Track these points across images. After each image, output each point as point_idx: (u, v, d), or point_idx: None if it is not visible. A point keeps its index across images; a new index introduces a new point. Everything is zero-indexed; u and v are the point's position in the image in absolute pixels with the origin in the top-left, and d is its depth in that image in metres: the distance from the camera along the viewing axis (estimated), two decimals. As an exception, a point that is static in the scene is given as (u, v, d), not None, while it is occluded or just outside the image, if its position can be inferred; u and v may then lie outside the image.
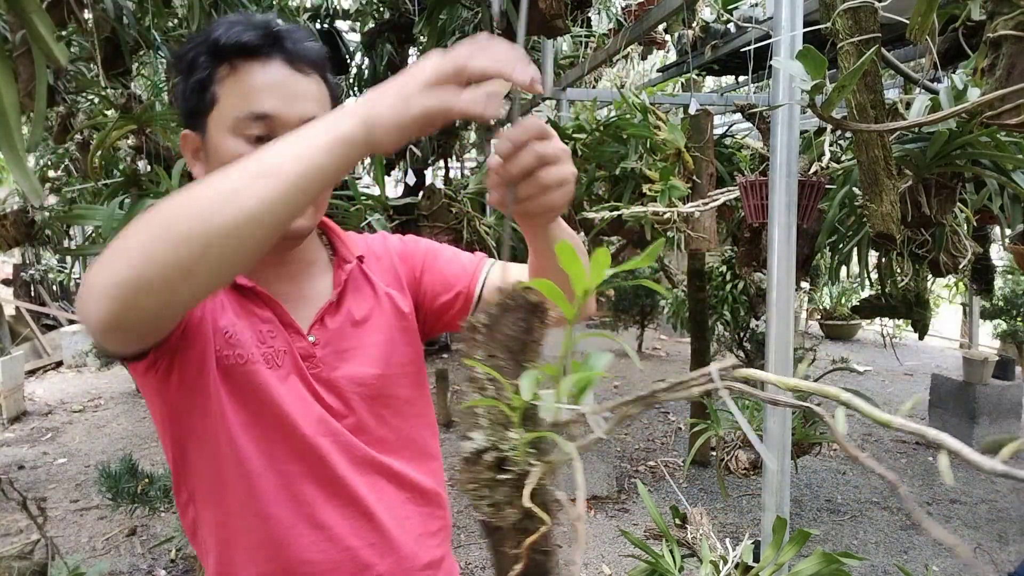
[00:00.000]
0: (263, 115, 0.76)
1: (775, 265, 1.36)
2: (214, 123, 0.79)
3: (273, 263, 0.87)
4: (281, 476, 0.83)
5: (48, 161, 5.18)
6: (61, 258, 7.84)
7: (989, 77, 0.95)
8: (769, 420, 1.42)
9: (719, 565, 1.12)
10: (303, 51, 0.80)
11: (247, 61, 0.77)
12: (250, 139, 0.76)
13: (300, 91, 0.79)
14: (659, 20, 2.86)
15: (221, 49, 0.77)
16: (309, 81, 0.81)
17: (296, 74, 0.79)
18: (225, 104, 0.78)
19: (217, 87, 0.78)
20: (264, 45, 0.78)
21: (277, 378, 0.82)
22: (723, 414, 2.15)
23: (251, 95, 0.77)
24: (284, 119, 0.77)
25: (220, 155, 0.77)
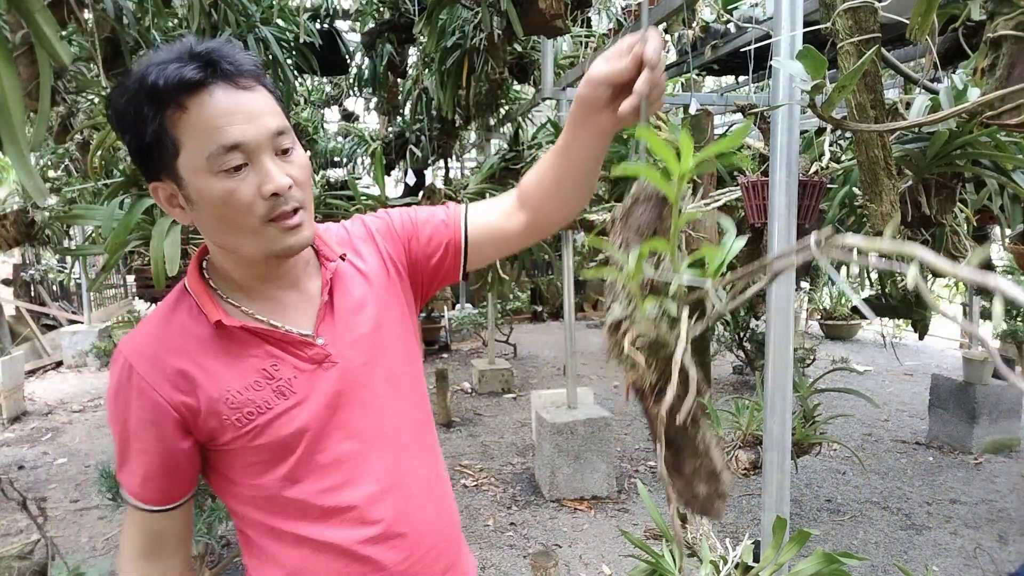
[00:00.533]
0: (233, 145, 0.76)
1: (775, 265, 1.36)
2: (186, 169, 0.78)
3: (277, 274, 0.89)
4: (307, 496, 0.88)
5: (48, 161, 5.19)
6: (61, 258, 7.84)
7: (989, 77, 0.95)
8: (769, 420, 1.42)
9: (719, 565, 1.12)
10: (240, 68, 0.79)
11: (192, 96, 0.76)
12: (230, 172, 0.77)
13: (256, 109, 0.79)
14: (659, 20, 2.86)
15: (162, 93, 0.75)
16: (256, 95, 0.80)
17: (243, 92, 0.79)
18: (191, 146, 0.77)
19: (174, 131, 0.77)
20: (204, 76, 0.76)
21: (291, 406, 0.86)
22: (723, 414, 2.15)
23: (212, 130, 0.76)
24: (254, 141, 0.78)
25: (210, 198, 0.78)
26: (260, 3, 2.66)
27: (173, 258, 1.84)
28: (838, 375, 3.44)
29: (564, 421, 3.59)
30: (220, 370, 0.84)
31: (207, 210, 0.80)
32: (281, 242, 0.82)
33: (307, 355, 0.87)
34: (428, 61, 3.44)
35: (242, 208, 0.78)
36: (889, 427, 4.76)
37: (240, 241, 0.82)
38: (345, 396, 0.89)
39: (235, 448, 0.85)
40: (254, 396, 0.84)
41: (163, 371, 0.82)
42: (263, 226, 0.80)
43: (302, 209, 0.82)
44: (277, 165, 0.80)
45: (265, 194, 0.78)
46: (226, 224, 0.80)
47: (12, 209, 4.36)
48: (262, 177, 0.78)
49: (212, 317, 0.84)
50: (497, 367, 5.92)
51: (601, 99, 0.80)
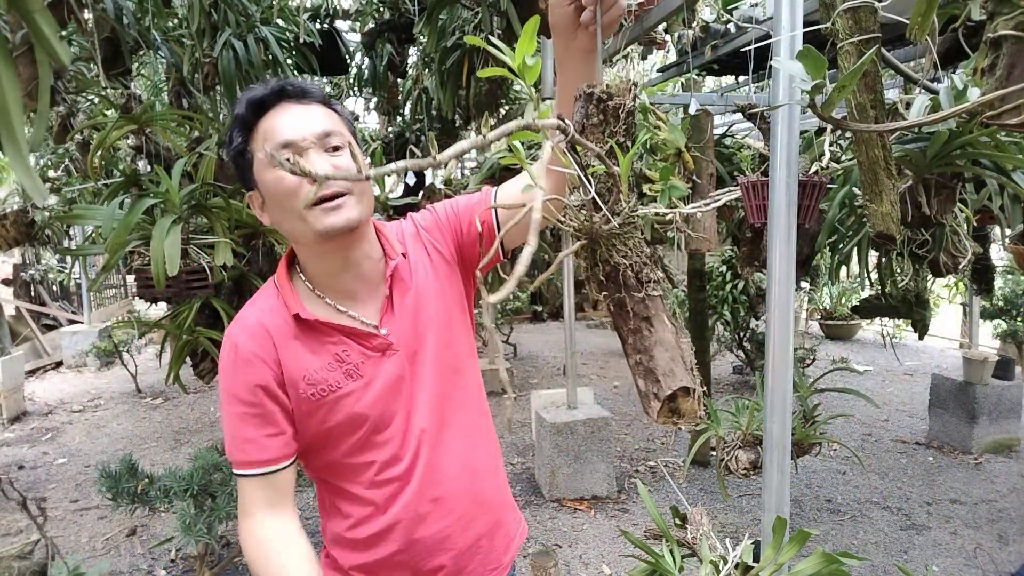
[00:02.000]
0: (285, 143, 0.93)
1: (775, 265, 1.36)
2: (257, 171, 0.97)
3: (344, 266, 1.02)
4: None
5: (48, 161, 5.19)
6: (61, 258, 7.84)
7: (989, 77, 0.95)
8: (769, 420, 1.42)
9: (719, 565, 1.12)
10: (303, 89, 0.98)
11: (265, 116, 0.96)
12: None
13: (309, 116, 0.96)
14: (659, 20, 2.86)
15: (243, 116, 0.97)
16: (313, 108, 0.97)
17: (301, 106, 0.97)
18: (257, 151, 0.97)
19: (250, 146, 0.98)
20: (271, 95, 0.96)
21: (360, 387, 1.00)
22: (723, 414, 2.15)
23: (272, 134, 0.94)
24: (300, 137, 0.94)
25: (269, 188, 0.96)
26: (260, 3, 2.66)
27: (173, 258, 1.84)
28: (838, 375, 3.45)
29: (564, 421, 3.59)
30: (300, 350, 0.99)
31: (270, 200, 0.97)
32: (323, 221, 0.94)
33: (372, 344, 1.01)
34: (428, 61, 3.44)
35: (290, 191, 0.93)
36: (889, 427, 4.76)
37: (295, 225, 0.96)
38: (404, 381, 1.02)
39: (307, 422, 1.00)
40: (327, 376, 0.98)
41: (259, 343, 0.98)
42: (309, 209, 0.93)
43: (347, 195, 0.95)
44: (322, 157, 0.94)
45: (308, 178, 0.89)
46: (283, 210, 0.96)
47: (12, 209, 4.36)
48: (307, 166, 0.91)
49: (292, 310, 0.99)
50: (497, 367, 5.92)
51: (569, 18, 0.87)
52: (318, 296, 1.03)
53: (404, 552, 1.04)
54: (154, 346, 7.04)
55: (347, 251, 1.00)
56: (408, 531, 1.04)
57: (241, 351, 0.98)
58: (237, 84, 2.49)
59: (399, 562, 1.05)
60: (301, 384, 0.98)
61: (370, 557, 1.05)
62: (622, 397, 5.69)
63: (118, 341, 6.22)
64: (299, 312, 0.98)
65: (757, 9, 3.10)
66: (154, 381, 6.28)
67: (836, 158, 1.88)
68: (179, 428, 5.08)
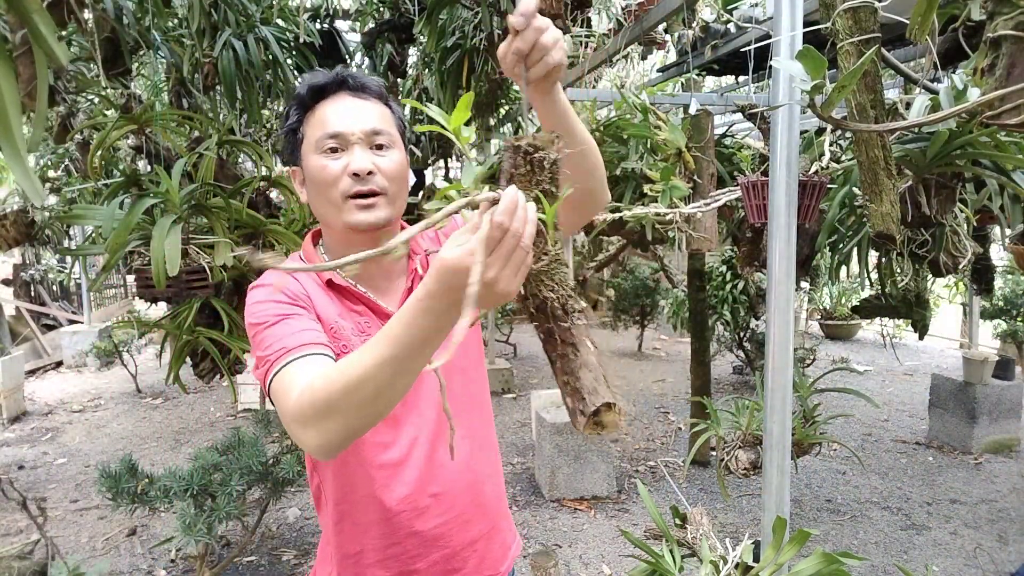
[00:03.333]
0: (334, 133, 0.98)
1: (775, 265, 1.36)
2: (304, 152, 1.02)
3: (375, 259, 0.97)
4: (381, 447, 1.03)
5: (48, 161, 5.19)
6: (61, 258, 7.84)
7: (989, 77, 0.95)
8: (769, 420, 1.42)
9: (719, 565, 1.12)
10: (363, 83, 1.03)
11: (323, 102, 1.01)
12: (327, 153, 0.99)
13: (361, 110, 1.01)
14: (659, 20, 2.86)
15: (303, 97, 1.02)
16: (369, 103, 1.02)
17: (357, 99, 1.01)
18: (308, 135, 1.01)
19: (303, 127, 1.03)
20: (332, 84, 1.01)
21: None
22: (723, 414, 2.15)
23: (324, 121, 0.99)
24: (350, 132, 0.98)
25: (311, 171, 1.01)
26: (260, 3, 2.66)
27: (173, 258, 1.84)
28: (838, 375, 3.44)
29: (564, 421, 3.59)
30: (329, 305, 1.02)
31: (310, 183, 1.02)
32: (354, 216, 0.99)
33: None
34: (428, 61, 3.44)
35: (329, 180, 0.98)
36: (889, 427, 4.76)
37: (328, 211, 1.00)
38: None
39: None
40: (349, 335, 1.00)
41: (295, 283, 1.01)
42: (344, 201, 0.98)
43: (383, 195, 1.00)
44: (367, 154, 0.99)
45: (348, 172, 0.97)
46: (320, 195, 1.00)
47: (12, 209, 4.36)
48: (350, 159, 0.98)
49: (323, 277, 1.03)
50: (497, 367, 5.92)
51: (510, 68, 0.84)
52: (340, 277, 1.07)
53: (398, 545, 1.04)
54: (154, 346, 7.04)
55: (375, 244, 0.99)
56: (407, 524, 1.03)
57: (278, 280, 1.00)
58: (237, 84, 2.49)
59: (392, 555, 1.05)
60: (327, 331, 0.99)
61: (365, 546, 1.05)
62: (622, 397, 5.68)
63: (118, 341, 6.22)
64: (333, 278, 1.03)
65: (757, 9, 3.10)
66: (154, 381, 6.28)
67: (836, 158, 1.88)
68: (179, 428, 5.08)
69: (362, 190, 0.98)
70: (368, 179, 0.98)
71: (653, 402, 5.52)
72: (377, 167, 0.99)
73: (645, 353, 7.32)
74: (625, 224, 2.21)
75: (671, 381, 6.15)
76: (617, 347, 7.53)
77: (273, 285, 1.01)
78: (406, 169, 1.05)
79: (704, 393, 3.90)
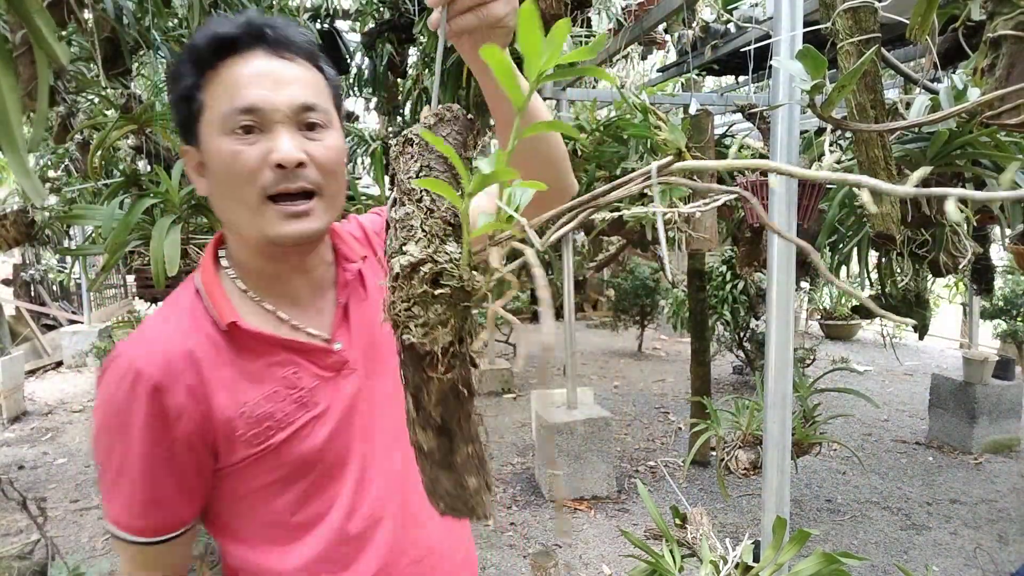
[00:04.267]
0: (249, 107, 0.71)
1: (775, 265, 1.36)
2: (204, 129, 0.74)
3: (293, 268, 0.81)
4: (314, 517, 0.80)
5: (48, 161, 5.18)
6: (61, 258, 7.84)
7: (989, 77, 0.95)
8: (769, 420, 1.42)
9: (719, 565, 1.12)
10: (286, 38, 0.75)
11: (229, 59, 0.73)
12: (239, 134, 0.71)
13: (286, 77, 0.73)
14: (659, 20, 2.86)
15: (200, 52, 0.73)
16: (295, 67, 0.75)
17: (280, 61, 0.74)
18: (212, 106, 0.73)
19: (202, 93, 0.74)
20: (242, 36, 0.73)
21: (313, 418, 0.78)
22: (723, 414, 2.15)
23: (234, 90, 0.72)
24: (271, 107, 0.72)
25: (216, 159, 0.73)
26: (260, 3, 2.66)
27: (173, 258, 1.84)
28: (838, 375, 3.45)
29: (564, 421, 3.59)
30: (235, 378, 0.75)
31: (214, 175, 0.74)
32: (278, 228, 0.73)
33: (326, 363, 0.80)
34: (428, 61, 3.44)
35: (244, 174, 0.71)
36: (889, 427, 4.76)
37: (239, 218, 0.75)
38: (361, 405, 0.82)
39: (246, 469, 0.76)
40: (273, 408, 0.75)
41: (176, 373, 0.72)
42: (262, 204, 0.72)
43: (317, 196, 0.75)
44: (294, 138, 0.73)
45: (271, 163, 0.71)
46: (228, 193, 0.74)
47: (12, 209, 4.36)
48: (272, 145, 0.72)
49: (225, 319, 0.75)
50: (497, 367, 5.92)
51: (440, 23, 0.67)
52: (252, 300, 0.80)
53: None
54: (154, 346, 7.03)
55: (300, 256, 0.81)
56: None
57: (146, 383, 0.71)
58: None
59: None
60: (239, 424, 0.73)
61: None
62: (622, 397, 5.69)
63: (118, 341, 6.21)
64: (237, 321, 0.75)
65: (757, 9, 3.10)
66: (154, 381, 6.28)
67: (836, 158, 1.88)
68: (179, 428, 5.09)
69: (290, 188, 0.72)
70: (297, 173, 0.73)
71: (653, 402, 5.52)
72: (310, 156, 0.73)
73: (645, 353, 7.32)
74: (625, 224, 2.21)
75: (671, 381, 6.15)
76: (617, 347, 7.53)
77: (124, 386, 0.71)
78: (344, 155, 0.79)
79: (704, 393, 3.90)
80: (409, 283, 0.43)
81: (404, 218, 0.45)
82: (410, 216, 0.45)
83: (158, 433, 0.71)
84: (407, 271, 0.43)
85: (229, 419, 0.74)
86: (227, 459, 0.75)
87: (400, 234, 0.45)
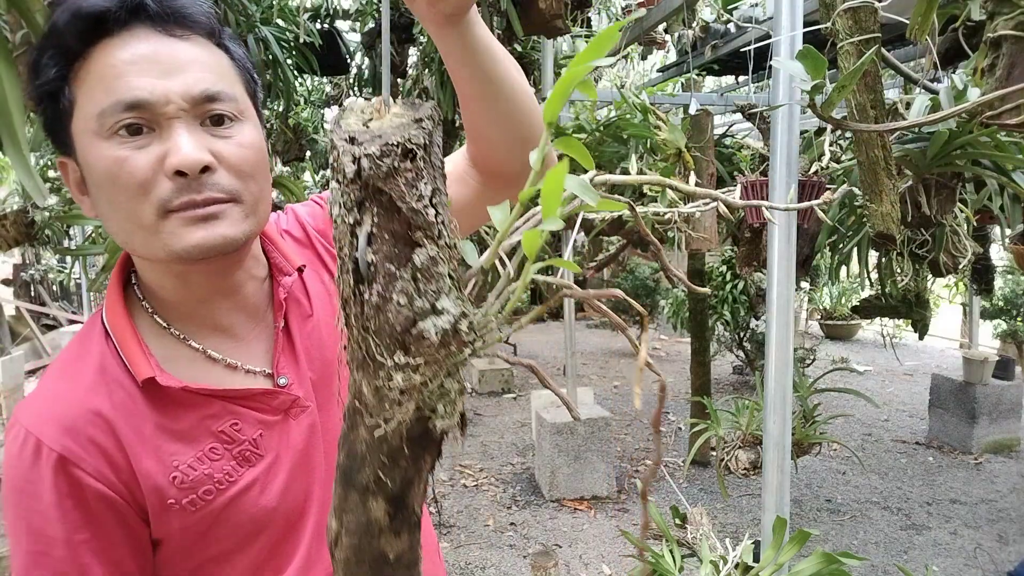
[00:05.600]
0: (134, 102, 0.56)
1: (775, 265, 1.36)
2: (77, 132, 0.58)
3: (224, 293, 0.67)
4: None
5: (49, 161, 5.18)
6: (61, 258, 7.85)
7: (989, 77, 0.95)
8: (769, 420, 1.42)
9: (719, 565, 1.12)
10: (174, 9, 0.59)
11: (99, 40, 0.57)
12: (123, 136, 0.57)
13: (179, 60, 0.58)
14: (659, 20, 2.86)
15: (63, 35, 0.57)
16: (190, 46, 0.59)
17: (169, 39, 0.59)
18: (84, 103, 0.57)
19: (71, 87, 0.58)
20: (115, 10, 0.57)
21: (262, 472, 0.66)
22: (723, 414, 2.15)
23: (112, 80, 0.56)
24: (162, 99, 0.56)
25: (97, 170, 0.57)
26: (260, 3, 2.66)
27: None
28: (838, 375, 3.45)
29: (564, 421, 3.59)
30: (161, 438, 0.61)
31: (98, 190, 0.59)
32: (184, 238, 0.58)
33: (271, 405, 0.67)
34: (428, 61, 3.44)
35: (132, 187, 0.56)
36: (889, 427, 4.76)
37: (134, 240, 0.60)
38: (317, 443, 0.70)
39: (184, 541, 0.63)
40: (211, 468, 0.62)
41: (81, 445, 0.59)
42: (161, 219, 0.57)
43: (233, 203, 0.60)
44: (195, 136, 0.58)
45: (168, 170, 0.56)
46: (117, 213, 0.59)
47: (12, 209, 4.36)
48: (168, 146, 0.57)
49: (140, 374, 0.61)
50: (497, 367, 5.93)
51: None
52: (176, 338, 0.66)
53: None
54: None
55: (223, 274, 0.66)
56: None
57: (48, 455, 0.58)
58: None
59: None
60: (171, 491, 0.61)
61: None
62: (622, 397, 5.69)
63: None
64: (155, 376, 0.61)
65: (757, 9, 3.10)
66: (154, 381, 6.28)
67: (836, 158, 1.88)
68: (179, 428, 5.09)
69: (195, 200, 0.58)
70: (203, 180, 0.58)
71: (653, 402, 5.53)
72: (218, 157, 0.59)
73: (645, 353, 7.31)
74: (625, 224, 2.21)
75: (671, 381, 6.16)
76: (617, 347, 7.53)
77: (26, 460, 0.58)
78: (264, 153, 0.64)
79: (704, 393, 3.90)
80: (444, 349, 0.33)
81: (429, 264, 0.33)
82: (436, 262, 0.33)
83: (73, 514, 0.58)
84: (446, 336, 0.33)
85: (158, 487, 0.61)
86: (161, 531, 0.62)
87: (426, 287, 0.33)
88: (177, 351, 0.66)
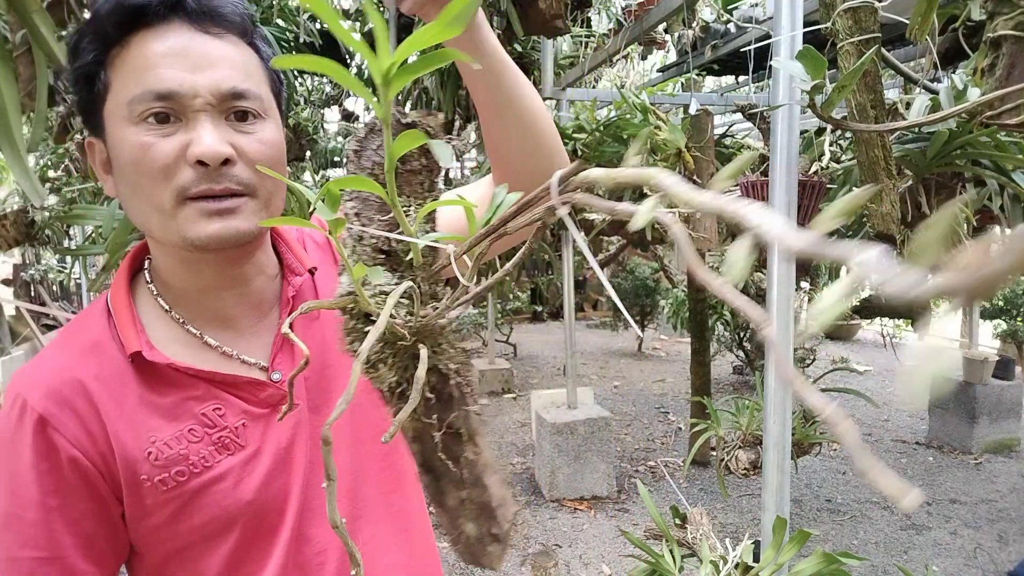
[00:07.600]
0: (164, 92, 0.59)
1: (775, 265, 1.36)
2: (108, 115, 0.62)
3: (232, 285, 0.69)
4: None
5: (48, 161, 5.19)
6: (61, 258, 7.85)
7: (989, 77, 0.95)
8: (769, 420, 1.42)
9: (719, 565, 1.12)
10: (211, 7, 0.63)
11: (138, 31, 0.61)
12: (150, 123, 0.60)
13: (210, 56, 0.62)
14: (659, 20, 2.86)
15: (103, 22, 0.61)
16: (222, 44, 0.63)
17: (203, 35, 0.62)
18: (118, 89, 0.61)
19: (107, 72, 0.61)
20: (155, 4, 0.60)
21: (239, 463, 0.66)
22: (723, 414, 2.15)
23: (144, 70, 0.60)
24: (190, 92, 0.60)
25: (123, 152, 0.61)
26: (260, 3, 2.66)
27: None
28: (838, 375, 3.45)
29: (564, 421, 3.59)
30: (142, 412, 0.63)
31: (121, 171, 0.63)
32: (198, 228, 0.61)
33: (259, 397, 0.68)
34: (428, 61, 3.44)
35: (156, 171, 0.60)
36: (889, 427, 4.76)
37: (151, 223, 0.63)
38: (302, 444, 0.70)
39: (155, 524, 0.63)
40: (187, 449, 0.63)
41: (60, 408, 0.61)
42: (179, 205, 0.60)
43: (248, 197, 0.63)
44: (220, 129, 0.61)
45: (190, 158, 0.60)
46: (138, 194, 0.62)
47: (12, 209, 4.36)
48: (192, 137, 0.60)
49: (129, 347, 0.63)
50: (497, 367, 5.93)
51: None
52: (175, 321, 0.68)
53: None
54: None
55: (234, 265, 0.68)
56: None
57: (31, 415, 0.60)
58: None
59: None
60: (144, 466, 0.61)
61: None
62: (622, 397, 5.69)
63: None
64: (142, 351, 0.63)
65: (757, 9, 3.10)
66: (154, 381, 6.28)
67: (836, 158, 1.88)
68: (179, 428, 5.09)
69: (213, 189, 0.61)
70: (223, 172, 0.61)
71: (653, 402, 5.53)
72: (239, 151, 0.62)
73: (645, 353, 7.32)
74: (625, 224, 2.21)
75: (671, 381, 6.15)
76: (617, 347, 7.53)
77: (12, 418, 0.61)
78: (283, 152, 0.68)
79: (704, 393, 3.90)
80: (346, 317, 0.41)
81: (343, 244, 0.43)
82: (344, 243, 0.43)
83: (48, 477, 0.60)
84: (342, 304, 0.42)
85: (132, 459, 0.61)
86: (134, 511, 0.62)
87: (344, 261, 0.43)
88: (174, 333, 0.68)
